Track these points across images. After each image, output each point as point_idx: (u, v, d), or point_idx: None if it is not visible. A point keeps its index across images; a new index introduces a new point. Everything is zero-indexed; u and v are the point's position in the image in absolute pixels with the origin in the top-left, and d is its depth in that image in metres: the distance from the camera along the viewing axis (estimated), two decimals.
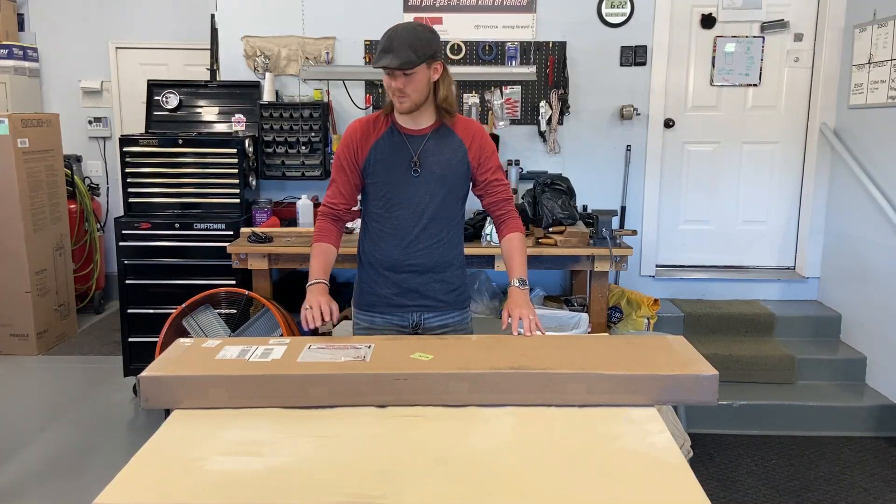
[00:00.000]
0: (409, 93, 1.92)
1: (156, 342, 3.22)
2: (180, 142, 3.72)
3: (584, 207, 3.83)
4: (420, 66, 1.89)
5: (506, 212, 2.16)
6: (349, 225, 3.60)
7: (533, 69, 3.89)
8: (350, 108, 4.05)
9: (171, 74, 5.16)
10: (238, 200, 3.76)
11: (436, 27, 4.00)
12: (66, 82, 5.46)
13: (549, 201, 3.46)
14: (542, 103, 3.99)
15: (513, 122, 4.04)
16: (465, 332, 2.19)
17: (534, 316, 1.96)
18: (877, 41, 3.61)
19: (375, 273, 2.12)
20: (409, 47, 1.85)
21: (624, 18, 3.99)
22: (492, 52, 4.00)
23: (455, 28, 4.01)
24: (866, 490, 2.96)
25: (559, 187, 3.53)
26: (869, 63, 3.68)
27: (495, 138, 4.04)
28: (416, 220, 2.06)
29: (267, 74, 3.97)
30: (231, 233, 3.64)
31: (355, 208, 2.16)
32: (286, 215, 3.88)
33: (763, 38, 4.10)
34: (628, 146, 4.10)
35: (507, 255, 2.12)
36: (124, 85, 5.46)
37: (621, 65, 4.04)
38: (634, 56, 4.02)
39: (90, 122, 5.49)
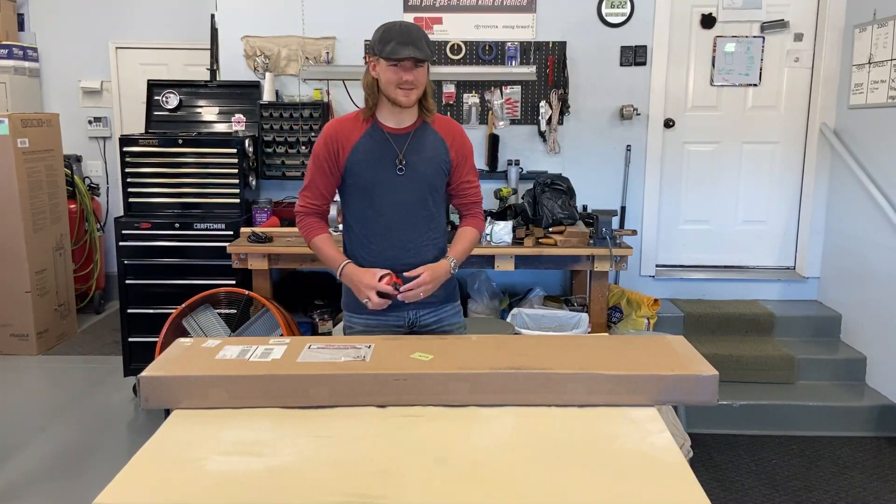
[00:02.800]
0: (417, 85, 1.94)
1: (156, 342, 3.22)
2: (180, 142, 3.73)
3: (584, 207, 3.83)
4: (429, 61, 1.95)
5: (473, 212, 2.20)
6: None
7: (533, 69, 3.89)
8: (350, 107, 4.05)
9: (171, 74, 5.15)
10: (238, 200, 3.76)
11: (436, 27, 4.01)
12: (66, 82, 5.46)
13: (549, 201, 3.46)
14: (542, 103, 3.99)
15: (513, 122, 4.04)
16: (458, 324, 2.19)
17: (427, 290, 1.97)
18: (877, 41, 3.61)
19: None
20: (424, 40, 1.91)
21: (624, 18, 3.99)
22: (492, 52, 4.00)
23: (455, 28, 4.01)
24: (866, 490, 2.96)
25: (559, 187, 3.53)
26: (869, 63, 3.68)
27: (495, 138, 4.04)
28: (402, 219, 2.04)
29: (267, 74, 3.97)
30: (231, 233, 3.64)
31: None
32: (286, 215, 3.88)
33: (763, 38, 4.10)
34: (628, 146, 4.10)
35: (455, 239, 2.14)
36: (124, 85, 5.46)
37: (621, 65, 4.04)
38: (634, 56, 4.02)
39: (90, 122, 5.49)
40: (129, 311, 3.73)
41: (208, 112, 4.10)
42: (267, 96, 3.96)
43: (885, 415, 3.45)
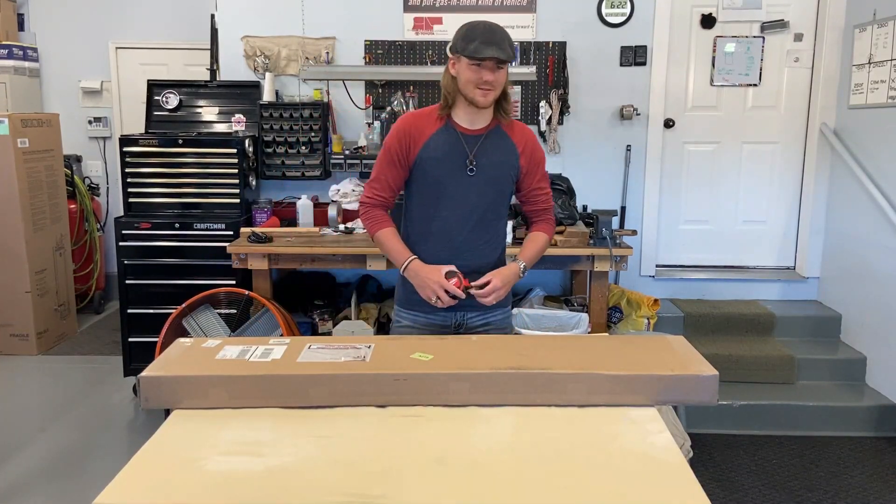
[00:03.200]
0: (496, 86, 1.94)
1: (156, 342, 3.22)
2: (180, 142, 3.72)
3: (584, 207, 3.83)
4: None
5: (544, 217, 2.19)
6: (349, 225, 3.60)
7: (533, 69, 3.89)
8: (350, 108, 4.05)
9: (171, 74, 5.16)
10: (238, 200, 3.76)
11: (435, 27, 4.01)
12: (66, 82, 5.46)
13: None
14: (542, 103, 3.99)
15: None
16: (506, 329, 2.19)
17: (499, 295, 1.99)
18: (877, 41, 3.61)
19: None
20: (507, 42, 1.91)
21: (624, 18, 3.99)
22: None
23: (455, 28, 3.99)
24: (866, 490, 2.96)
25: (559, 187, 3.53)
26: (869, 63, 3.68)
27: None
28: (464, 220, 2.04)
29: (267, 74, 3.96)
30: (231, 233, 3.64)
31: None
32: (286, 215, 3.88)
33: (763, 38, 4.10)
34: (628, 146, 4.10)
35: (525, 242, 2.14)
36: (124, 85, 5.46)
37: (621, 65, 4.04)
38: (634, 56, 4.02)
39: (90, 122, 5.49)
40: (129, 311, 3.73)
41: (208, 112, 4.10)
42: (267, 96, 3.96)
43: (885, 415, 3.45)
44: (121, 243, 3.71)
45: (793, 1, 4.06)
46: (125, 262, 3.71)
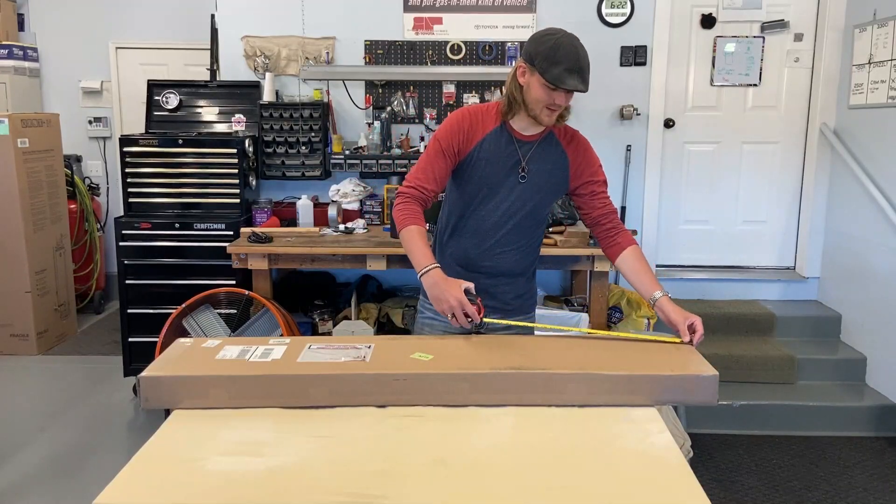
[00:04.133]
0: (565, 106, 1.90)
1: (156, 342, 3.22)
2: (180, 142, 3.72)
3: None
4: None
5: (616, 224, 2.05)
6: (349, 225, 3.60)
7: None
8: (350, 108, 4.05)
9: (171, 74, 5.16)
10: (238, 200, 3.76)
11: (436, 27, 4.01)
12: (66, 82, 5.46)
13: None
14: None
15: None
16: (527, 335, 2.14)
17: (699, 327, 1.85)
18: (877, 41, 3.61)
19: (447, 267, 2.03)
20: (588, 70, 1.83)
21: (624, 18, 3.99)
22: (492, 52, 4.00)
23: (455, 28, 4.01)
24: (866, 490, 2.96)
25: None
26: (869, 63, 3.68)
27: None
28: (502, 223, 2.01)
29: (267, 74, 3.96)
30: (231, 233, 3.64)
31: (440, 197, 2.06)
32: (286, 215, 3.88)
33: (763, 38, 4.10)
34: (628, 146, 4.10)
35: (639, 269, 1.97)
36: (124, 85, 5.46)
37: (621, 65, 4.04)
38: (634, 56, 4.02)
39: (90, 122, 5.49)
40: (129, 311, 3.73)
41: (208, 112, 4.10)
42: (267, 96, 3.96)
43: (885, 415, 3.45)
44: (121, 243, 3.71)
45: (793, 1, 4.06)
46: (125, 262, 3.71)
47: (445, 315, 1.84)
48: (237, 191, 3.75)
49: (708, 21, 4.08)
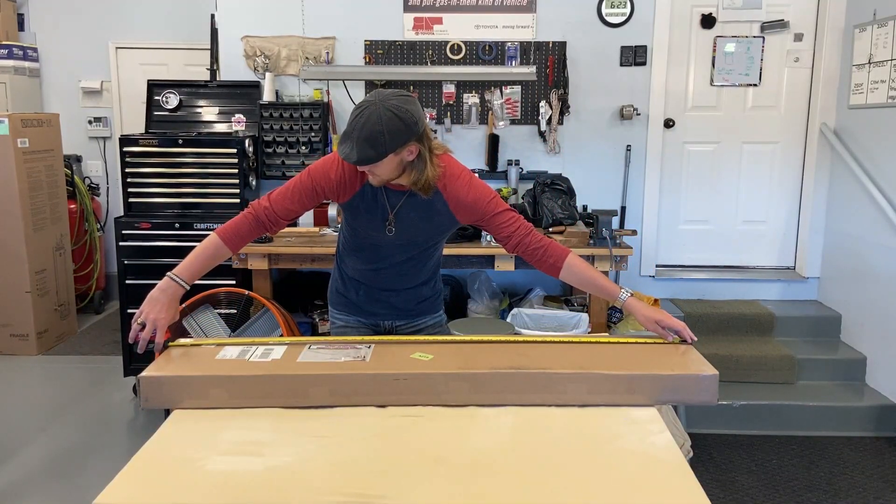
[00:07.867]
0: (376, 174, 1.76)
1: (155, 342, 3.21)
2: (180, 142, 3.72)
3: (584, 207, 3.83)
4: (383, 159, 1.68)
5: (539, 240, 1.90)
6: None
7: (533, 69, 3.89)
8: (350, 107, 4.05)
9: (171, 74, 5.15)
10: (238, 200, 3.76)
11: (436, 27, 4.00)
12: (66, 82, 5.46)
13: (549, 201, 3.46)
14: (542, 103, 3.99)
15: (513, 122, 4.04)
16: (440, 332, 2.14)
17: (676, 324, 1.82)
18: (877, 41, 3.61)
19: (347, 279, 2.09)
20: (367, 143, 1.64)
21: (624, 18, 3.99)
22: (492, 52, 4.00)
23: (455, 28, 4.01)
24: (866, 490, 2.96)
25: (559, 187, 3.53)
26: (869, 63, 3.68)
27: (495, 138, 4.04)
28: (387, 258, 1.99)
29: (267, 74, 3.97)
30: None
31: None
32: None
33: (763, 38, 4.10)
34: (628, 146, 4.10)
35: (588, 278, 1.90)
36: (124, 85, 5.46)
37: (621, 65, 4.04)
38: (634, 56, 4.02)
39: (90, 122, 5.49)
40: (129, 311, 3.73)
41: (208, 112, 4.10)
42: (267, 96, 3.96)
43: (885, 415, 3.45)
44: (121, 243, 3.71)
45: (793, 1, 4.06)
46: (125, 261, 3.71)
47: (134, 319, 1.83)
48: (237, 191, 3.75)
49: (708, 21, 4.08)
